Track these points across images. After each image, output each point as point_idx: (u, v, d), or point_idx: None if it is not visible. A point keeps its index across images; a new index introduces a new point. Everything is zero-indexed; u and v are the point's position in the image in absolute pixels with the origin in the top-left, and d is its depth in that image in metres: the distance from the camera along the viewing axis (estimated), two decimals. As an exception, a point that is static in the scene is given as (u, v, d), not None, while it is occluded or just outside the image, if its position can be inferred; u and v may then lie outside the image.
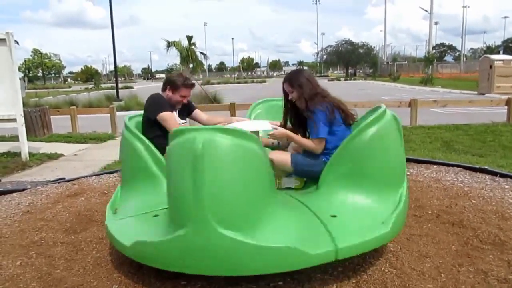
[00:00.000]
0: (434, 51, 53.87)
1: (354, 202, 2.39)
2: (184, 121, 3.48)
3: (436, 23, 64.31)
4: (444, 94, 20.64)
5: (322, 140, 2.73)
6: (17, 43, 6.56)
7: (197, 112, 3.59)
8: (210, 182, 1.91)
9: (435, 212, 3.16)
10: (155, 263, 2.12)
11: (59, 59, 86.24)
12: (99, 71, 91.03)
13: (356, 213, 2.31)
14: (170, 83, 3.29)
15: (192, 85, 3.43)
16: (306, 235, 2.13)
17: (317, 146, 2.74)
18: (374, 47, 63.49)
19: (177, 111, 3.41)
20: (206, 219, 1.89)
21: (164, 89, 3.33)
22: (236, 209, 1.96)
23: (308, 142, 2.80)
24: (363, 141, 2.43)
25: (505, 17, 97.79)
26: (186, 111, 3.53)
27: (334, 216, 2.26)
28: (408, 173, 4.39)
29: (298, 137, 2.89)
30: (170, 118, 3.17)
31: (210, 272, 2.02)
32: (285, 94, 3.00)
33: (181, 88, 3.28)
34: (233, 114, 8.98)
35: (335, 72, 79.88)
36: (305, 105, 2.80)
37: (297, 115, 3.02)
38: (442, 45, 71.00)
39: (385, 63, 58.75)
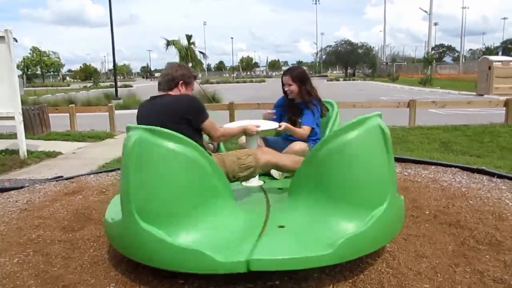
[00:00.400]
0: (433, 52, 53.95)
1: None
2: None
3: (435, 24, 64.36)
4: (443, 95, 20.70)
5: (311, 129, 3.44)
6: (16, 41, 6.55)
7: None
8: (392, 157, 2.38)
9: (432, 213, 3.17)
10: (362, 251, 2.18)
11: (58, 57, 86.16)
12: (98, 69, 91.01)
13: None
14: (183, 78, 2.75)
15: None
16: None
17: (309, 133, 3.45)
18: (373, 47, 63.55)
19: None
20: (395, 187, 2.38)
21: (173, 87, 2.73)
22: None
23: (302, 131, 3.43)
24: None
25: (505, 18, 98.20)
26: None
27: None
28: (406, 174, 4.40)
29: (294, 128, 3.42)
30: (214, 123, 2.79)
31: (400, 229, 2.53)
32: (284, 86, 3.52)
33: (193, 82, 2.86)
34: (232, 114, 9.00)
35: (334, 72, 79.93)
36: (308, 97, 3.44)
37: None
38: (441, 46, 71.17)
39: (384, 63, 58.80)
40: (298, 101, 3.52)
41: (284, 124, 3.32)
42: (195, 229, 2.16)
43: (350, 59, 61.00)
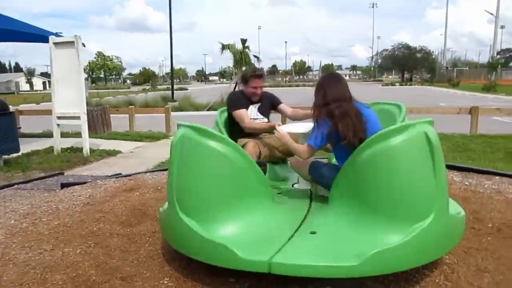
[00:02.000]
0: (498, 56, 50.76)
1: (342, 222, 2.28)
2: (262, 117, 3.66)
3: (502, 27, 60.72)
4: (508, 102, 19.43)
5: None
6: (84, 46, 6.99)
7: (282, 106, 3.78)
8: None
9: (496, 226, 2.97)
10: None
11: (120, 61, 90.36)
12: (156, 73, 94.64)
13: (336, 235, 2.20)
14: (241, 78, 3.70)
15: (261, 75, 3.62)
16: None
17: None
18: (432, 51, 60.97)
19: (257, 106, 3.66)
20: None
21: (240, 85, 3.77)
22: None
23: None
24: (370, 154, 2.18)
25: None
26: (269, 105, 3.76)
27: (314, 232, 2.25)
28: (467, 183, 4.18)
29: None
30: (240, 116, 3.48)
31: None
32: None
33: (250, 80, 3.55)
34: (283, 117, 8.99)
35: (390, 77, 77.62)
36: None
37: None
38: (508, 50, 66.73)
39: (444, 68, 56.29)
40: None
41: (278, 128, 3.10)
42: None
43: (407, 63, 58.84)
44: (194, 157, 2.34)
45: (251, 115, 3.60)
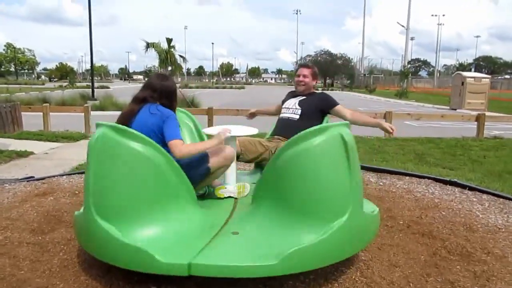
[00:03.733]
0: (409, 65, 55.20)
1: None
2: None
3: (412, 39, 65.98)
4: (417, 108, 21.18)
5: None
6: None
7: None
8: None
9: (406, 223, 3.22)
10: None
11: (33, 55, 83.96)
12: (75, 69, 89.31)
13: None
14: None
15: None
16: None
17: None
18: (352, 58, 64.63)
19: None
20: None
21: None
22: None
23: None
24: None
25: (478, 36, 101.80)
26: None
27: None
28: (381, 184, 4.47)
29: None
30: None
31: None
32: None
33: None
34: (210, 119, 8.95)
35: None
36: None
37: None
38: (417, 60, 73.01)
39: (362, 75, 59.88)
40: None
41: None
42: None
43: (329, 69, 61.68)
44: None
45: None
